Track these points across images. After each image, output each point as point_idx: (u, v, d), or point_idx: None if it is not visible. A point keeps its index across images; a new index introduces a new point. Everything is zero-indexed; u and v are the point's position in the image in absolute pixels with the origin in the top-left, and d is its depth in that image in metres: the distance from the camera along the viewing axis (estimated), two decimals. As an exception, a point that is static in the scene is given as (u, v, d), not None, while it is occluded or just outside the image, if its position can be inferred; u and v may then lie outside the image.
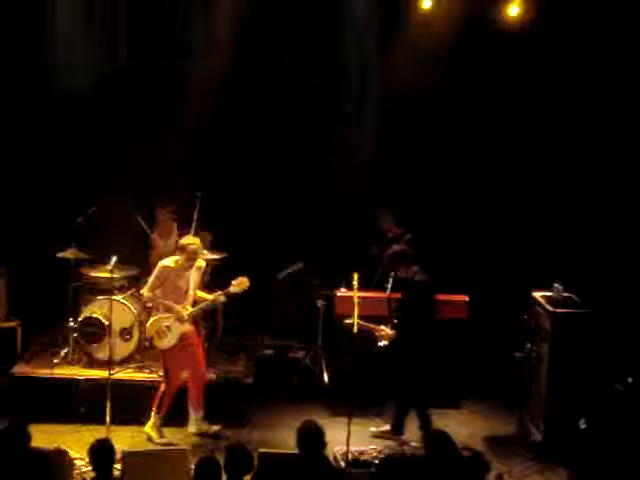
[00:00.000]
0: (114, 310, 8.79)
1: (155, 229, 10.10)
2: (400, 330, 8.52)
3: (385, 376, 8.90)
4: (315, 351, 9.98)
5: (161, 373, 8.69)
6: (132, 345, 9.34)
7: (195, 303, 8.60)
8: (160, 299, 8.50)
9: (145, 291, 8.57)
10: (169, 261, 8.52)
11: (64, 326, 9.66)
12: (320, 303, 9.89)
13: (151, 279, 8.53)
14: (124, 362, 9.24)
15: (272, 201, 10.92)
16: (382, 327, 8.61)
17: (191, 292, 8.54)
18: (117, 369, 8.79)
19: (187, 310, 8.49)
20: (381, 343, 8.59)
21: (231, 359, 9.76)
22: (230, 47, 10.63)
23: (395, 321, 8.60)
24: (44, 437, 7.64)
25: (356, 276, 8.57)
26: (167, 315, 8.50)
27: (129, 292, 9.46)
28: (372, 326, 8.61)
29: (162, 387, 8.54)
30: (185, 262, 8.43)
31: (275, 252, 10.61)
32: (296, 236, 10.72)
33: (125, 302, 9.29)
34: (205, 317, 9.78)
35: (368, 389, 9.13)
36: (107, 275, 8.68)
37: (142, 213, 9.97)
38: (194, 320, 8.63)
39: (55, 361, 9.30)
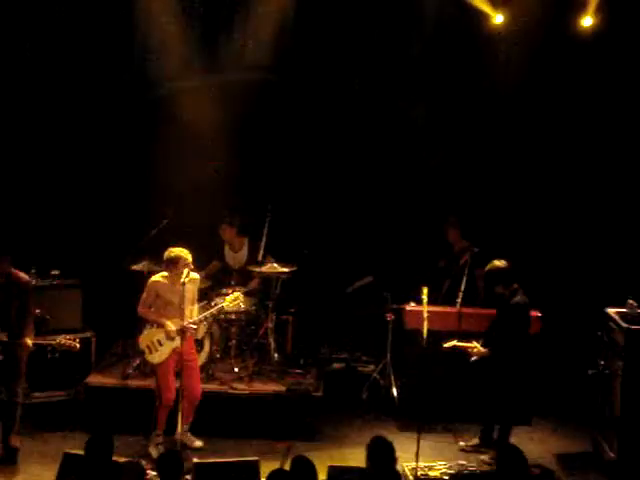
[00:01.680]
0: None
1: (224, 243, 10.26)
2: (492, 348, 8.39)
3: (472, 391, 8.81)
4: (384, 365, 9.96)
5: (154, 387, 8.56)
6: (203, 356, 9.43)
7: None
8: (153, 314, 8.45)
9: (139, 307, 8.50)
10: (158, 276, 8.45)
11: (137, 337, 9.81)
12: (389, 317, 9.87)
13: (143, 295, 8.48)
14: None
15: (341, 214, 10.93)
16: (475, 343, 8.52)
17: (184, 306, 8.34)
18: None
19: (177, 325, 8.35)
20: (472, 359, 8.51)
21: (301, 372, 9.79)
22: (292, 59, 10.70)
23: (488, 338, 8.49)
24: (116, 447, 7.70)
25: (425, 290, 8.54)
26: (159, 330, 8.44)
27: (201, 304, 9.53)
28: (464, 343, 8.54)
29: (156, 403, 8.44)
30: (174, 274, 8.32)
31: (345, 266, 10.62)
32: (366, 250, 10.73)
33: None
34: (275, 330, 9.89)
35: (437, 403, 9.07)
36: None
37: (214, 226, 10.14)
38: (188, 335, 8.42)
39: (128, 372, 9.44)
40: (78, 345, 8.21)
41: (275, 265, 9.69)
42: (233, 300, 8.73)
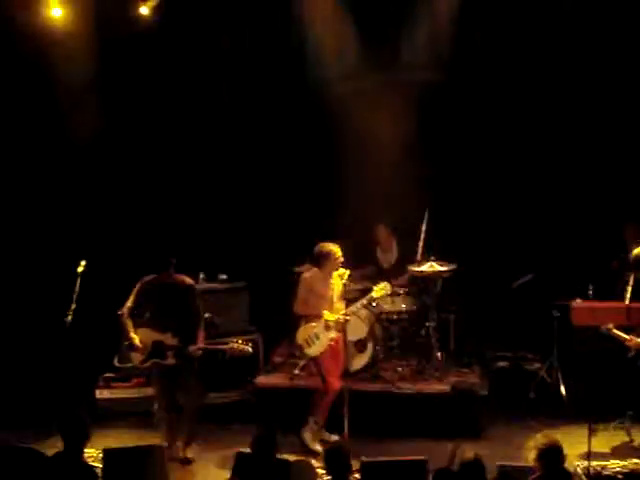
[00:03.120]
0: (349, 322, 8.96)
1: (377, 244, 10.33)
2: None
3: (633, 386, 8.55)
4: (551, 363, 9.77)
5: (318, 380, 8.73)
6: (367, 356, 9.53)
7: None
8: (308, 309, 8.64)
9: (295, 306, 8.72)
10: (310, 272, 8.74)
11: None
12: (555, 313, 9.67)
13: (299, 294, 8.70)
14: (359, 373, 9.45)
15: (504, 210, 10.78)
16: (631, 336, 8.26)
17: (336, 299, 8.65)
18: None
19: (332, 317, 8.58)
20: (630, 353, 8.26)
21: (465, 371, 9.74)
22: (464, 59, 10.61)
23: None
24: (285, 446, 7.82)
25: (591, 286, 8.35)
26: (315, 324, 8.61)
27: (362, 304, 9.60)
28: (622, 335, 8.30)
29: (320, 393, 8.64)
30: (325, 269, 8.59)
31: (509, 262, 10.47)
32: (530, 245, 10.54)
33: (359, 314, 9.44)
34: (437, 329, 9.87)
35: (608, 401, 8.81)
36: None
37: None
38: (340, 327, 8.62)
39: (295, 372, 9.62)
40: (251, 350, 8.42)
41: (435, 264, 9.66)
42: (381, 289, 8.82)
